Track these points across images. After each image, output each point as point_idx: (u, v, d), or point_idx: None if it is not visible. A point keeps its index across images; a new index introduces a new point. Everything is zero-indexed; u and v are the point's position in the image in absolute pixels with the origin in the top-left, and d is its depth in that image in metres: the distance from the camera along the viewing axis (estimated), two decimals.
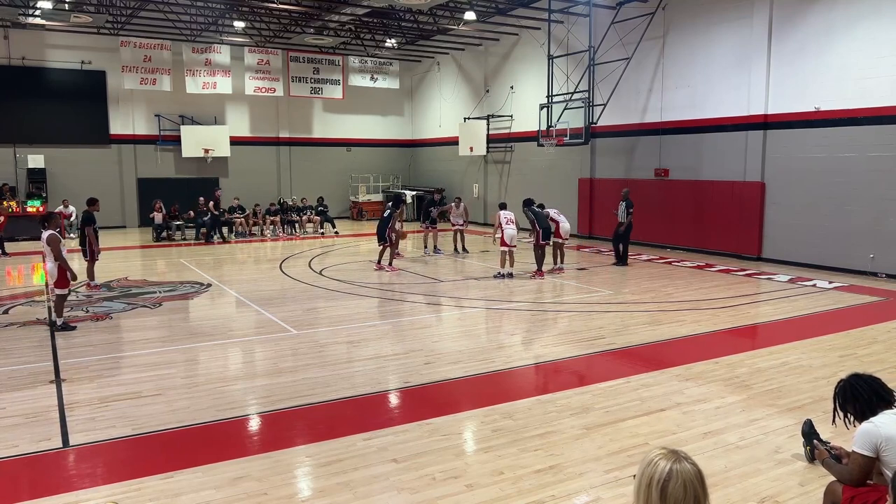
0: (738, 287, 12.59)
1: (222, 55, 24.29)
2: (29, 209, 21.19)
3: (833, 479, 3.93)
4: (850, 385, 3.83)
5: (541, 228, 13.58)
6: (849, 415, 3.85)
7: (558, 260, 14.52)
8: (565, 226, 14.35)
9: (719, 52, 16.32)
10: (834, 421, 3.91)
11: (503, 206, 14.50)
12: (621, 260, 15.28)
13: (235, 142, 25.85)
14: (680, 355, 7.96)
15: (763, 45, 15.17)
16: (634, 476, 2.16)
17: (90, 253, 12.51)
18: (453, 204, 17.99)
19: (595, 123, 18.46)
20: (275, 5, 18.70)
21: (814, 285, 12.67)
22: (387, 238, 14.67)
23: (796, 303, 11.14)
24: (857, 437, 3.64)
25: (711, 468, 4.80)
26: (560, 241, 14.33)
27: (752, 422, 5.81)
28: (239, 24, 21.69)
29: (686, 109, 17.24)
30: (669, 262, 15.70)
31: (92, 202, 12.95)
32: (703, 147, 16.94)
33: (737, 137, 15.97)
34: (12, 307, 10.75)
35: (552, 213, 14.31)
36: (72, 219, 21.78)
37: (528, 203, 14.04)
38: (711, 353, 8.03)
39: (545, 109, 19.42)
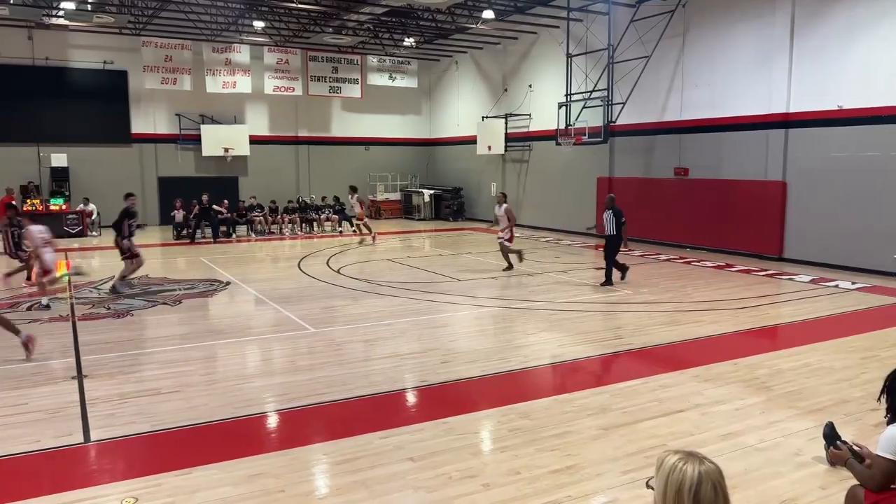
0: (759, 287, 12.44)
1: (242, 55, 24.46)
2: (52, 207, 21.52)
3: (855, 483, 3.86)
4: None
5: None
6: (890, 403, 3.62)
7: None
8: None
9: (740, 51, 16.13)
10: (879, 399, 3.72)
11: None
12: (613, 278, 12.69)
13: (255, 141, 26.02)
14: (699, 356, 7.89)
15: (785, 42, 14.97)
16: (648, 484, 2.07)
17: (11, 253, 12.53)
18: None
19: (614, 122, 18.34)
20: (294, 5, 18.78)
21: (836, 286, 12.49)
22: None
23: (818, 303, 10.99)
24: (883, 441, 3.56)
25: (730, 470, 4.72)
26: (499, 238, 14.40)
27: (772, 424, 5.74)
28: (258, 24, 21.82)
29: (706, 108, 17.06)
30: (689, 262, 15.56)
31: (10, 206, 12.67)
32: (723, 146, 16.76)
33: (758, 136, 15.78)
34: (34, 304, 10.89)
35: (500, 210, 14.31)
36: (93, 217, 22.11)
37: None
38: (731, 354, 7.94)
39: (564, 108, 19.33)
